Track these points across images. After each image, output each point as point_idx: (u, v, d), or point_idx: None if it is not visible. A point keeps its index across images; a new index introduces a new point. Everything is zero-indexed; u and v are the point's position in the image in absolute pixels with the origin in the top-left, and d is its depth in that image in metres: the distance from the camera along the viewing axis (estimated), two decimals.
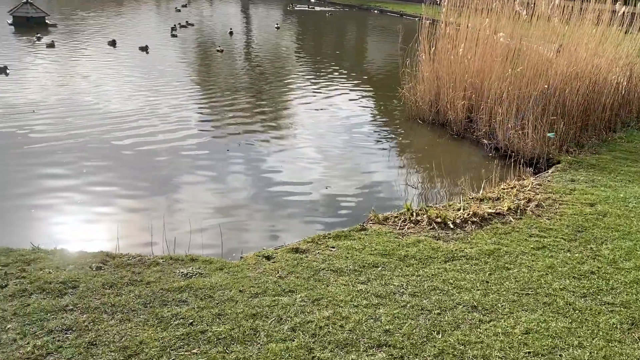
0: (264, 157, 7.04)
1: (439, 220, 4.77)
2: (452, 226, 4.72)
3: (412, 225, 4.76)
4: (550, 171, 6.39)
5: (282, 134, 8.14)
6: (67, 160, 6.48)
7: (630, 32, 8.52)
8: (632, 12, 8.30)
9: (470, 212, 4.90)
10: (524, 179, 6.04)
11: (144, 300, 3.46)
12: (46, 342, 3.01)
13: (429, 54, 8.69)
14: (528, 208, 5.14)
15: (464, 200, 5.29)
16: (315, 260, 4.13)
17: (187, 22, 19.98)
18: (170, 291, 3.59)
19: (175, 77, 11.56)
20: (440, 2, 8.79)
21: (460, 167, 6.99)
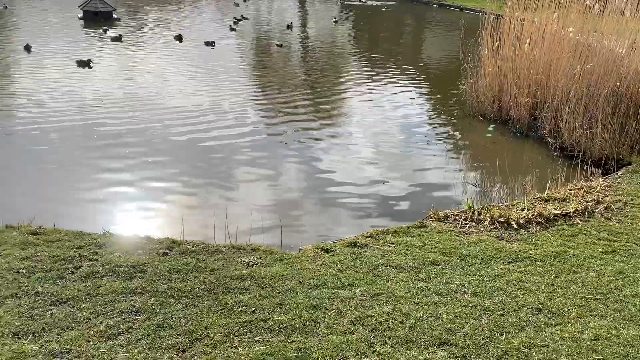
0: (320, 153, 7.06)
1: (502, 220, 4.65)
2: (515, 226, 4.60)
3: (474, 224, 4.67)
4: (620, 173, 6.11)
5: (337, 130, 8.13)
6: (132, 153, 6.70)
7: None
8: None
9: (535, 213, 4.75)
10: (591, 180, 5.80)
11: (208, 287, 3.56)
12: (117, 322, 3.15)
13: (492, 49, 8.47)
14: (596, 210, 4.94)
15: (528, 201, 5.14)
16: (374, 255, 4.12)
17: (242, 15, 20.24)
18: (233, 279, 3.67)
19: (237, 73, 11.73)
20: None
21: (523, 166, 6.79)
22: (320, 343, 3.06)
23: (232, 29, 17.82)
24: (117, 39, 14.52)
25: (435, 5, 28.24)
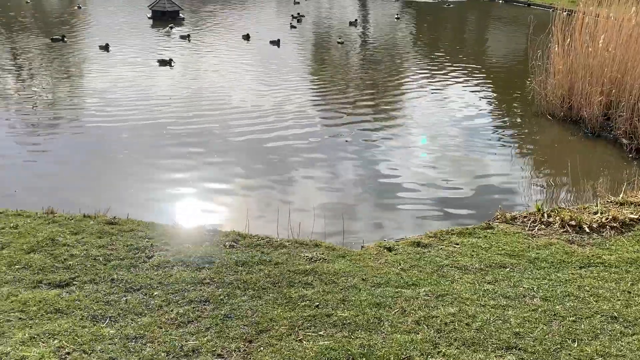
0: (380, 152, 7.01)
1: (573, 223, 4.47)
2: (587, 230, 4.41)
3: (543, 226, 4.51)
4: None
5: (399, 132, 8.00)
6: (199, 151, 6.82)
7: None
8: None
9: (609, 217, 4.54)
10: None
11: (272, 280, 3.62)
12: (187, 310, 3.27)
13: (562, 46, 8.14)
14: None
15: (601, 204, 4.91)
16: (438, 255, 4.06)
17: (298, 13, 20.25)
18: (296, 273, 3.72)
19: (300, 72, 11.79)
20: None
21: (595, 168, 6.50)
22: (385, 341, 3.05)
23: (293, 27, 17.98)
24: (185, 37, 14.96)
25: (500, 1, 27.40)
